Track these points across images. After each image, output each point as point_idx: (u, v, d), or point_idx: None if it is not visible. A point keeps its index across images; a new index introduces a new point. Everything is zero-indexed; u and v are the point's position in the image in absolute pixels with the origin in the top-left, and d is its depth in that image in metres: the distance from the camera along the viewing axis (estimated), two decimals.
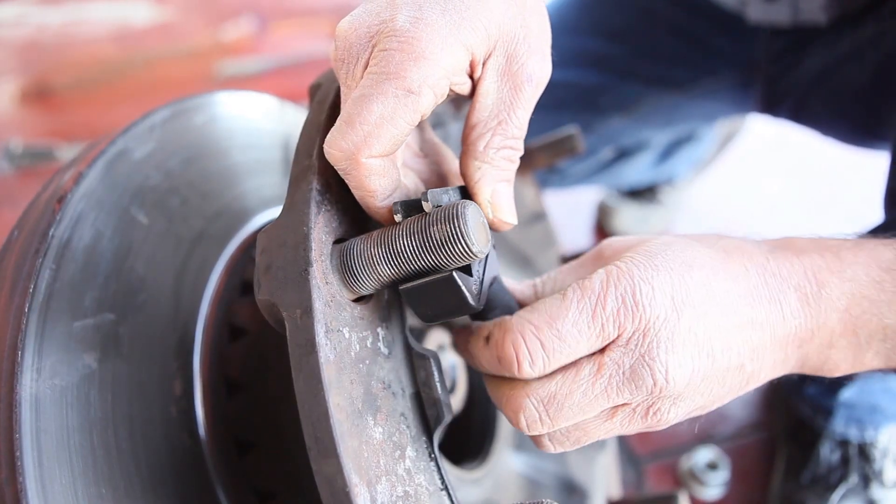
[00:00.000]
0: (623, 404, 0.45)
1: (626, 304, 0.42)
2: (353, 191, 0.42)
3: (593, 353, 0.44)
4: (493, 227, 0.45)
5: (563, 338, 0.43)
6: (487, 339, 0.46)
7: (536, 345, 0.43)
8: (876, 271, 0.46)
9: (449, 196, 0.43)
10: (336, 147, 0.40)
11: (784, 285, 0.46)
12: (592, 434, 0.47)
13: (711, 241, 0.48)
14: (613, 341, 0.43)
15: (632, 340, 0.43)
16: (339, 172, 0.42)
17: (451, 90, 0.43)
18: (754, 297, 0.45)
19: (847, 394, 1.10)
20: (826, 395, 1.13)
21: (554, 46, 0.47)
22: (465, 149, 0.45)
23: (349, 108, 0.40)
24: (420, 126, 0.49)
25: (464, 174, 0.46)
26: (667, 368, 0.42)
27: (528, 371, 0.44)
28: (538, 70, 0.44)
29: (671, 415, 0.45)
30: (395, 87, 0.39)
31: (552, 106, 0.49)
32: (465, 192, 0.46)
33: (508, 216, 0.46)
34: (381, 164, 0.41)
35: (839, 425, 1.13)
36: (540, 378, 0.45)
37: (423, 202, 0.41)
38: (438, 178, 0.50)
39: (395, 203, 0.42)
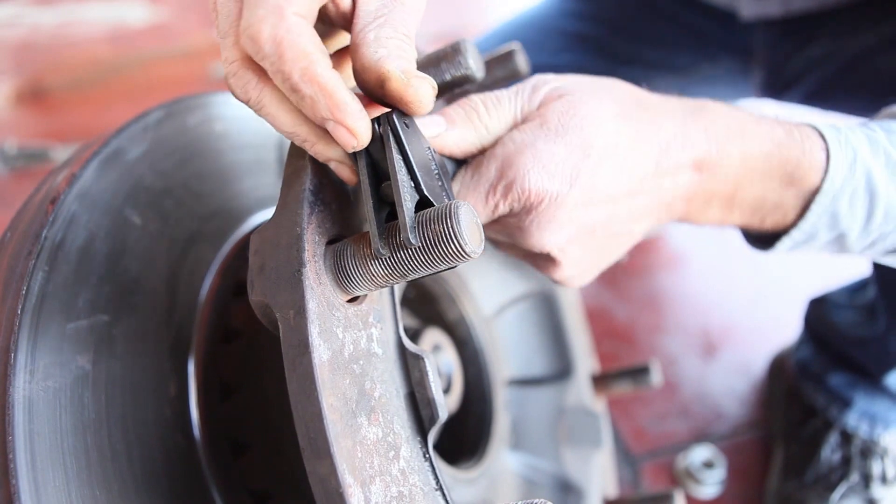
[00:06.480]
0: None
1: (514, 190, 0.49)
2: (295, 81, 0.36)
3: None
4: (411, 102, 0.41)
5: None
6: None
7: None
8: (769, 146, 0.54)
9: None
10: (254, 27, 0.35)
11: (683, 156, 0.54)
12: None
13: (628, 101, 0.53)
14: (511, 212, 0.52)
15: (519, 216, 0.52)
16: (268, 67, 0.36)
17: None
18: (648, 173, 0.53)
19: (865, 387, 1.10)
20: (848, 387, 1.12)
21: (556, 30, 0.47)
22: (355, 45, 0.40)
23: None
24: None
25: (359, 72, 0.40)
26: (543, 243, 0.53)
27: None
28: None
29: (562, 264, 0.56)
30: None
31: None
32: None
33: (424, 79, 0.41)
34: (306, 23, 0.37)
35: (852, 419, 1.13)
36: None
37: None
38: None
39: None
